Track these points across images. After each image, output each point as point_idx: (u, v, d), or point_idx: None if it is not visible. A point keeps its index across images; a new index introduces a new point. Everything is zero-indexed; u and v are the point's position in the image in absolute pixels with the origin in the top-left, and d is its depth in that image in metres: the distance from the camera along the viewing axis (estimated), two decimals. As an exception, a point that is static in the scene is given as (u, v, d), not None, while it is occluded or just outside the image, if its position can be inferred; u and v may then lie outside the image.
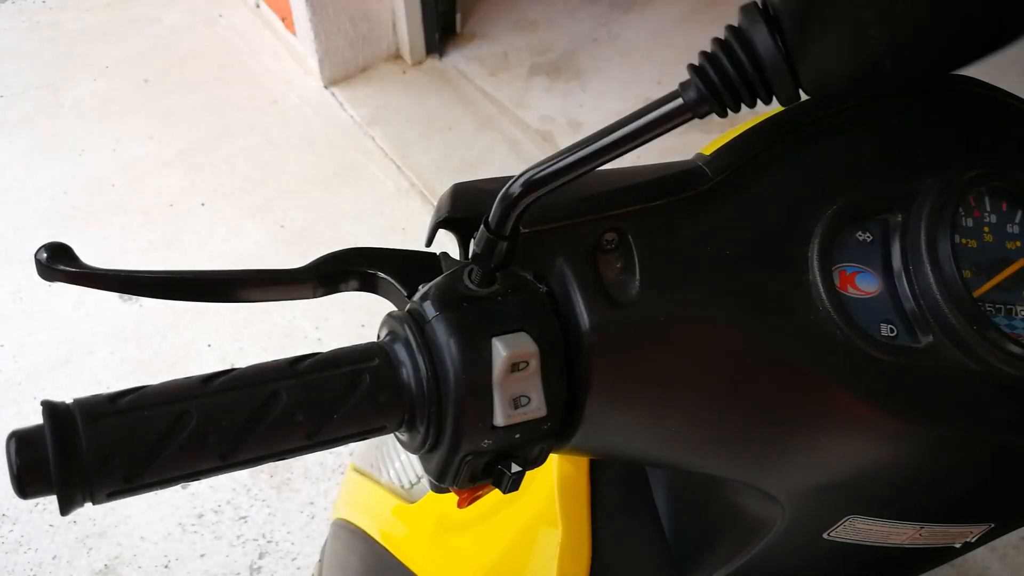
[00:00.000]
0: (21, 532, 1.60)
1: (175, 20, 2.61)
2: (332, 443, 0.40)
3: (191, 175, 2.19)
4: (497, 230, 0.39)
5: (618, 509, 0.59)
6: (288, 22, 2.40)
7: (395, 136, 2.26)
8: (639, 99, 2.31)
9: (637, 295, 0.41)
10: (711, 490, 0.53)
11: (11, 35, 2.59)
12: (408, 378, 0.40)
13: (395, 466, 0.81)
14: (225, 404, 0.38)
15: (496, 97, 2.36)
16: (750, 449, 0.45)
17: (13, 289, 1.95)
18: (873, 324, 0.42)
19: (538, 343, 0.40)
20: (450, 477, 0.42)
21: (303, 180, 2.17)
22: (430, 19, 2.37)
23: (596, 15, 2.58)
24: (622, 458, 0.56)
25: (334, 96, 2.36)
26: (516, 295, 0.41)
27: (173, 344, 1.85)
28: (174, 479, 0.37)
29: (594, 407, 0.41)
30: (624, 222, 0.42)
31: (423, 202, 2.11)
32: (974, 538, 0.49)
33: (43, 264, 0.41)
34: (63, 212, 2.11)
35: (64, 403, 0.36)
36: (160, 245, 2.04)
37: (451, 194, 0.44)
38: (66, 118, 2.34)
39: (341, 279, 0.46)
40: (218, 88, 2.40)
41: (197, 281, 0.43)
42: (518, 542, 0.63)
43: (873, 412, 0.41)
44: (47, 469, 0.34)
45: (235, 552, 1.58)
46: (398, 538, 0.77)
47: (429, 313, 0.40)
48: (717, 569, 0.53)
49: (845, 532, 0.47)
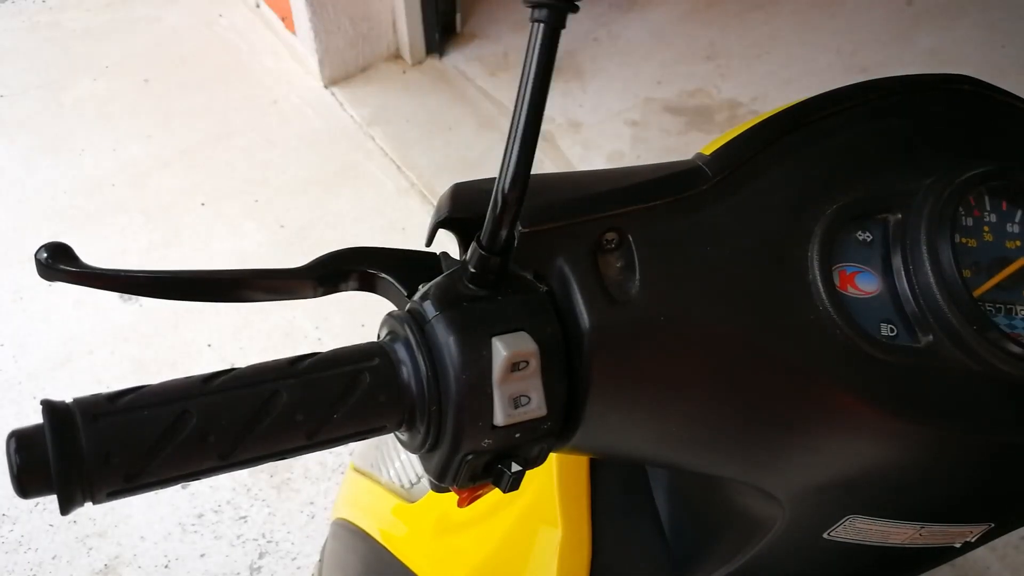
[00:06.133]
0: (21, 532, 1.60)
1: (175, 20, 2.61)
2: (332, 443, 0.40)
3: (191, 175, 2.19)
4: (489, 246, 0.40)
5: (618, 509, 0.59)
6: (288, 22, 2.40)
7: (395, 136, 2.26)
8: (639, 99, 2.31)
9: (637, 295, 0.41)
10: (711, 490, 0.53)
11: (11, 35, 2.59)
12: (408, 378, 0.40)
13: (395, 466, 0.81)
14: (225, 404, 0.38)
15: (496, 97, 2.36)
16: (750, 449, 0.45)
17: (13, 289, 1.95)
18: (873, 324, 0.42)
19: (538, 342, 0.40)
20: (450, 477, 0.42)
21: (303, 180, 2.17)
22: (430, 19, 2.37)
23: (596, 15, 2.58)
24: (622, 458, 0.56)
25: (334, 96, 2.36)
26: (516, 295, 0.41)
27: (173, 344, 1.85)
28: (174, 479, 0.37)
29: (594, 407, 0.41)
30: (624, 222, 0.42)
31: (423, 202, 2.11)
32: (974, 538, 0.49)
33: (43, 264, 0.41)
34: (63, 212, 2.11)
35: (64, 403, 0.36)
36: (160, 245, 2.04)
37: (451, 194, 0.44)
38: (66, 118, 2.34)
39: (341, 279, 0.46)
40: (218, 88, 2.40)
41: (197, 281, 0.43)
42: (518, 542, 0.63)
43: (873, 412, 0.41)
44: (47, 469, 0.34)
45: (235, 552, 1.58)
46: (398, 538, 0.77)
47: (429, 313, 0.40)
48: (717, 569, 0.53)
49: (845, 532, 0.47)
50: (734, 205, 0.43)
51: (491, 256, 0.40)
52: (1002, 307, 0.43)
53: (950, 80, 0.48)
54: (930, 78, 0.48)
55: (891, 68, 2.36)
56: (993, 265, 0.43)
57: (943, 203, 0.42)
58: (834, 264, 0.42)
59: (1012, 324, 0.42)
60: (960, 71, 0.50)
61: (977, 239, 0.43)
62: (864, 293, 0.43)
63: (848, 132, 0.46)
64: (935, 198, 0.42)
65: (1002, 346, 0.41)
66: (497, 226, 0.39)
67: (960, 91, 0.48)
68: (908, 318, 0.42)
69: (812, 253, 0.42)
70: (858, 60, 2.44)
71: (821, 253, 0.42)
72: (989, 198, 0.44)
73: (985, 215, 0.44)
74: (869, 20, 2.54)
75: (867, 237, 0.43)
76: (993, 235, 0.44)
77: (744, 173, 0.44)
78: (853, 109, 0.46)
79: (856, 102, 0.46)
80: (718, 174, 0.44)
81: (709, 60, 2.44)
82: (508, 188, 0.38)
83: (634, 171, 0.45)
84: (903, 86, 0.47)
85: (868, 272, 0.43)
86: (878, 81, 0.48)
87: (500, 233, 0.39)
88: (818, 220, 0.43)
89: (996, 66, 2.39)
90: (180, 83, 2.42)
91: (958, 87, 0.48)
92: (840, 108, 0.46)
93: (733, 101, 2.34)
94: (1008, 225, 0.44)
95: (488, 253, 0.40)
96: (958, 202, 0.42)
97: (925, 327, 0.42)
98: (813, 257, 0.42)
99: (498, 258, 0.40)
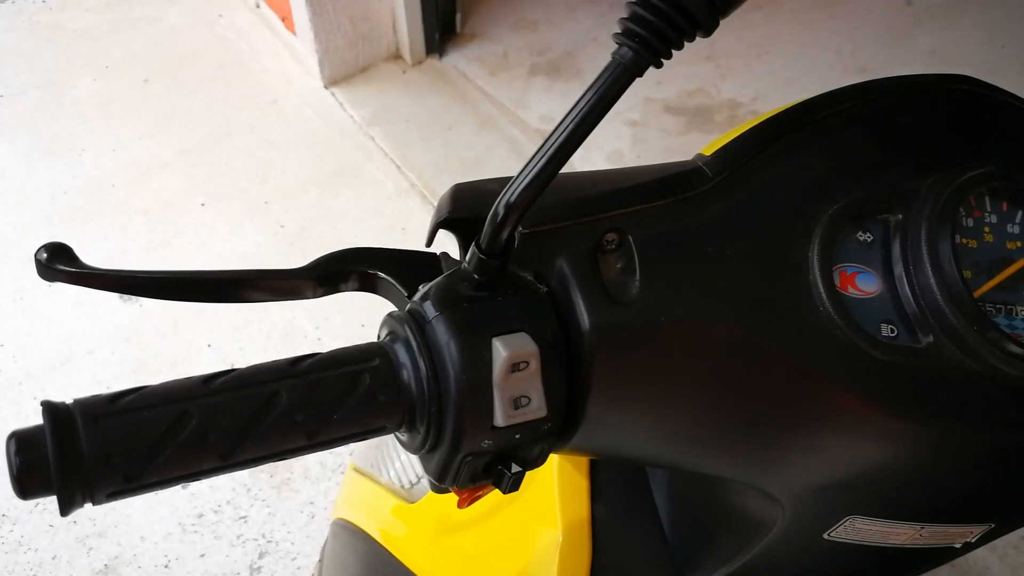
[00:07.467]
0: (21, 532, 1.60)
1: (175, 20, 2.61)
2: (332, 443, 0.40)
3: (191, 175, 2.19)
4: (489, 251, 0.40)
5: (618, 509, 0.59)
6: (288, 22, 2.40)
7: (395, 136, 2.26)
8: (638, 98, 2.31)
9: (637, 295, 0.41)
10: (711, 490, 0.53)
11: (11, 35, 2.59)
12: (408, 378, 0.40)
13: (395, 466, 0.81)
14: (225, 404, 0.38)
15: (496, 97, 2.36)
16: (750, 449, 0.45)
17: (13, 289, 1.95)
18: (873, 324, 0.42)
19: (538, 343, 0.40)
20: (450, 477, 0.42)
21: (303, 180, 2.17)
22: (430, 19, 2.37)
23: (596, 15, 2.58)
24: (622, 458, 0.55)
25: (334, 96, 2.36)
26: (516, 295, 0.41)
27: (173, 344, 1.85)
28: (174, 479, 0.37)
29: (594, 407, 0.41)
30: (624, 222, 0.42)
31: (423, 202, 2.11)
32: (974, 538, 0.49)
33: (43, 264, 0.41)
34: (63, 212, 2.11)
35: (64, 403, 0.36)
36: (160, 245, 2.04)
37: (451, 194, 0.44)
38: (66, 118, 2.34)
39: (341, 279, 0.46)
40: (218, 88, 2.40)
41: (197, 281, 0.43)
42: (518, 542, 0.63)
43: (873, 412, 0.41)
44: (47, 470, 0.34)
45: (235, 552, 1.58)
46: (398, 538, 0.77)
47: (429, 313, 0.40)
48: (717, 569, 0.53)
49: (845, 532, 0.47)
50: (734, 205, 0.43)
51: (491, 260, 0.40)
52: (1002, 307, 0.43)
53: (950, 80, 0.48)
54: (930, 78, 0.48)
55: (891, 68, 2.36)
56: (993, 266, 0.43)
57: (944, 203, 0.42)
58: (834, 264, 0.42)
59: (1012, 324, 0.42)
60: (960, 71, 0.50)
61: (978, 240, 0.43)
62: (864, 293, 0.43)
63: (848, 132, 0.45)
64: (936, 198, 0.42)
65: (1002, 346, 0.41)
66: (497, 232, 0.39)
67: (960, 91, 0.48)
68: (908, 318, 0.42)
69: (812, 253, 0.42)
70: (858, 60, 2.44)
71: (821, 253, 0.42)
72: (990, 199, 0.44)
73: (986, 216, 0.44)
74: (869, 20, 2.54)
75: (867, 237, 0.43)
76: (994, 236, 0.44)
77: (744, 173, 0.44)
78: (853, 109, 0.46)
79: (856, 102, 0.46)
80: (718, 174, 0.44)
81: (709, 60, 2.44)
82: (514, 199, 0.38)
83: (634, 171, 0.45)
84: (903, 86, 0.47)
85: (868, 272, 0.43)
86: (878, 81, 0.48)
87: (499, 239, 0.39)
88: (818, 220, 0.43)
89: (996, 66, 2.39)
90: (180, 83, 2.42)
91: (958, 87, 0.48)
92: (840, 108, 0.46)
93: (733, 101, 2.34)
94: (1008, 226, 0.44)
95: (487, 257, 0.40)
96: (959, 203, 0.42)
97: (925, 327, 0.42)
98: (813, 257, 0.42)
99: (497, 260, 0.40)
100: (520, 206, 0.38)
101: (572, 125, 0.37)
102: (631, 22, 0.36)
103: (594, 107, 0.37)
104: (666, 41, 0.36)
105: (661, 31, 0.36)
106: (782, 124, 0.45)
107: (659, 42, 0.36)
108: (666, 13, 0.35)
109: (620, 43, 0.36)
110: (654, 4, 0.35)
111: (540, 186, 0.38)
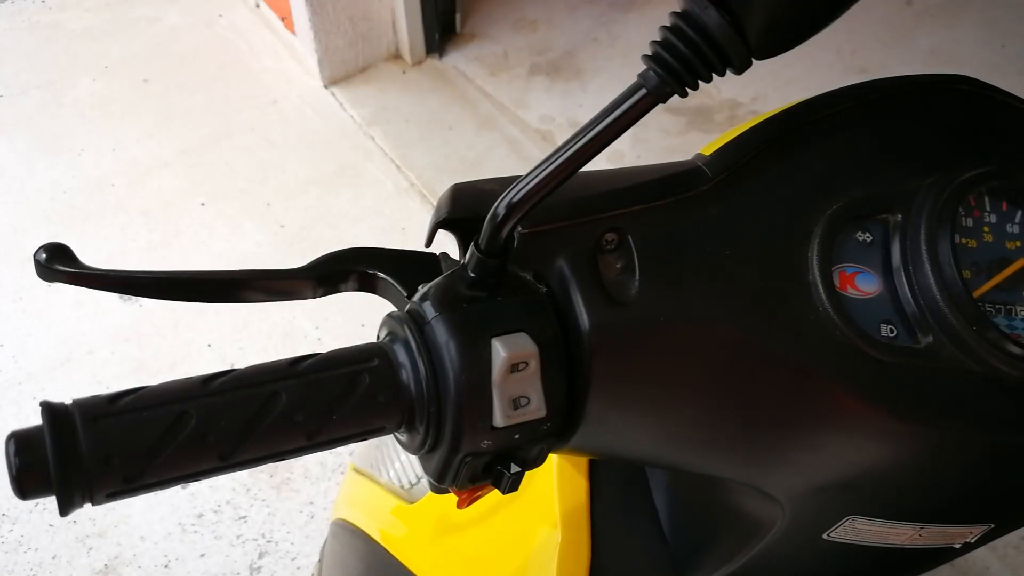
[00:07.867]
0: (21, 532, 1.60)
1: (175, 20, 2.61)
2: (332, 443, 0.40)
3: (191, 175, 2.19)
4: (487, 250, 0.40)
5: (618, 509, 0.59)
6: (288, 22, 2.40)
7: (395, 136, 2.26)
8: (639, 99, 2.31)
9: (637, 295, 0.41)
10: (711, 490, 0.53)
11: (11, 35, 2.58)
12: (407, 379, 0.40)
13: (395, 466, 0.81)
14: (225, 405, 0.38)
15: (496, 97, 2.36)
16: (750, 449, 0.45)
17: (13, 289, 1.95)
18: (873, 325, 0.42)
19: (538, 343, 0.40)
20: (450, 477, 0.42)
21: (303, 180, 2.17)
22: (430, 19, 2.37)
23: (596, 15, 2.58)
24: (622, 458, 0.55)
25: (334, 96, 2.36)
26: (516, 296, 0.41)
27: (173, 344, 1.85)
28: (174, 480, 0.37)
29: (594, 407, 0.41)
30: (624, 222, 0.42)
31: (423, 202, 2.11)
32: (974, 538, 0.49)
33: (42, 264, 0.41)
34: (63, 212, 2.11)
35: (63, 404, 0.36)
36: (160, 245, 2.04)
37: (451, 194, 0.44)
38: (66, 118, 2.34)
39: (341, 279, 0.46)
40: (218, 88, 2.40)
41: (197, 281, 0.43)
42: (518, 542, 0.63)
43: (873, 412, 0.41)
44: (46, 470, 0.34)
45: (235, 552, 1.58)
46: (398, 538, 0.77)
47: (429, 314, 0.40)
48: (717, 569, 0.53)
49: (845, 532, 0.47)
50: (734, 205, 0.43)
51: (489, 259, 0.40)
52: (1002, 308, 0.43)
53: (949, 80, 0.48)
54: (930, 78, 0.48)
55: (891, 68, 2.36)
56: (993, 266, 0.43)
57: (943, 203, 0.42)
58: (834, 264, 0.42)
59: (1012, 325, 0.42)
60: (960, 71, 0.50)
61: (977, 240, 0.43)
62: (864, 294, 0.43)
63: (848, 132, 0.45)
64: (935, 198, 0.42)
65: (1002, 346, 0.41)
66: (496, 232, 0.39)
67: (959, 91, 0.48)
68: (908, 319, 0.42)
69: (812, 253, 0.42)
70: (858, 60, 2.43)
71: (821, 253, 0.42)
72: (989, 198, 0.44)
73: (985, 215, 0.44)
74: (869, 20, 2.54)
75: (867, 237, 0.43)
76: (993, 236, 0.44)
77: (744, 173, 0.44)
78: (853, 109, 0.46)
79: (856, 102, 0.46)
80: (718, 174, 0.44)
81: (709, 60, 2.43)
82: (517, 200, 0.38)
83: (634, 171, 0.45)
84: (903, 86, 0.47)
85: (868, 273, 0.43)
86: (878, 81, 0.48)
87: (498, 239, 0.39)
88: (818, 220, 0.43)
89: (996, 66, 2.39)
90: (180, 83, 2.42)
91: (957, 87, 0.48)
92: (840, 108, 0.46)
93: (733, 101, 2.34)
94: (1008, 226, 0.44)
95: (486, 257, 0.40)
96: (958, 202, 0.42)
97: (925, 328, 0.42)
98: (813, 257, 0.42)
99: (496, 260, 0.40)
100: (521, 207, 0.38)
101: (586, 139, 0.37)
102: (661, 47, 0.35)
103: (611, 125, 0.36)
104: (694, 73, 0.35)
105: (690, 63, 0.35)
106: (782, 124, 0.45)
107: (687, 73, 0.35)
108: (698, 45, 0.35)
109: (649, 66, 0.36)
110: (687, 34, 0.35)
111: (543, 192, 0.38)
